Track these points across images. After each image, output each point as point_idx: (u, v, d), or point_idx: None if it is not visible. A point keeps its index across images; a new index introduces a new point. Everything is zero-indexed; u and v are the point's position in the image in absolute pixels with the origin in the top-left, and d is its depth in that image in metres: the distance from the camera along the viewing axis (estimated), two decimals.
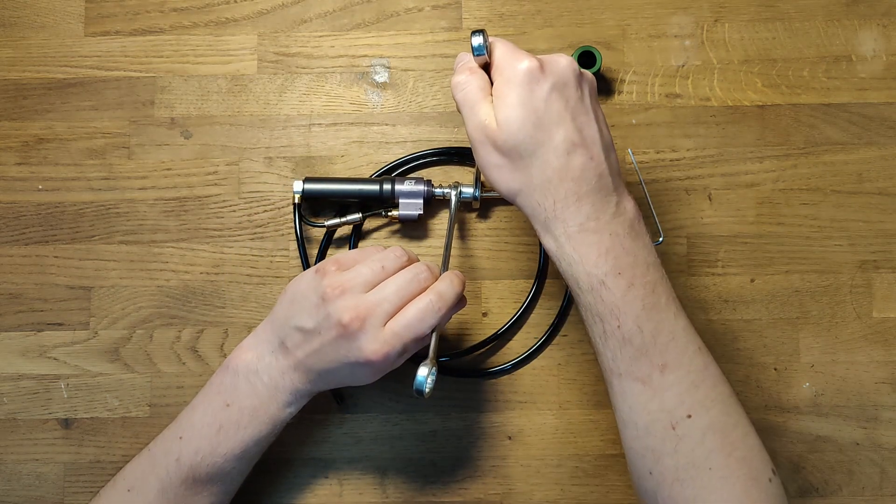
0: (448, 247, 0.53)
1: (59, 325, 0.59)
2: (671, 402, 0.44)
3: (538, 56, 0.45)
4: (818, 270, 0.59)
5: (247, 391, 0.49)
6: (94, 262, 0.60)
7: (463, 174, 0.60)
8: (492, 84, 0.46)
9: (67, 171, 0.60)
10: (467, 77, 0.46)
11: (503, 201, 0.59)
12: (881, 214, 0.59)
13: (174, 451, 0.49)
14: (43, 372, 0.59)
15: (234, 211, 0.60)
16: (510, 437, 0.58)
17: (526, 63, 0.44)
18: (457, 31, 0.62)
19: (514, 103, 0.43)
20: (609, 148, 0.46)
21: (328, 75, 0.61)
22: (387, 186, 0.57)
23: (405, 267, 0.48)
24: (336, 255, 0.50)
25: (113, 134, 0.61)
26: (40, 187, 0.60)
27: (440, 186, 0.58)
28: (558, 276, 0.59)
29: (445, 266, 0.52)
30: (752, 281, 0.59)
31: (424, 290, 0.47)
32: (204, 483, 0.49)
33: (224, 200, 0.60)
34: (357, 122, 0.61)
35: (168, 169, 0.60)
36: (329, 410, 0.58)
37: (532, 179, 0.44)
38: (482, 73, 0.46)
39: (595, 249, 0.44)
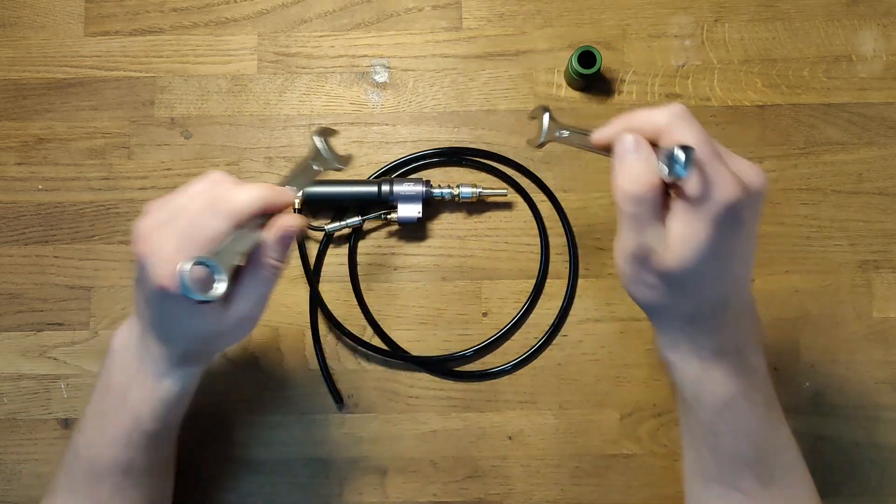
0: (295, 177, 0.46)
1: (59, 325, 0.59)
2: None
3: (737, 173, 0.37)
4: (818, 270, 0.59)
5: (119, 367, 0.45)
6: (94, 262, 0.60)
7: (463, 174, 0.60)
8: (667, 194, 0.38)
9: (67, 171, 0.60)
10: (643, 194, 0.37)
11: (503, 202, 0.60)
12: (881, 214, 0.59)
13: (73, 446, 0.47)
14: (43, 372, 0.59)
15: None
16: (510, 437, 0.58)
17: (732, 196, 0.36)
18: (457, 30, 0.62)
19: (704, 247, 0.37)
20: (753, 265, 0.41)
21: (328, 75, 0.61)
22: (385, 188, 0.57)
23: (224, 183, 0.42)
24: None
25: (113, 134, 0.61)
26: (40, 187, 0.60)
27: (438, 187, 0.58)
28: (558, 276, 0.59)
29: None
30: (752, 281, 0.59)
31: (231, 225, 0.40)
32: (104, 476, 0.46)
33: None
34: (357, 122, 0.61)
35: (168, 169, 0.60)
36: (329, 410, 0.58)
37: (680, 309, 0.40)
38: (662, 188, 0.38)
39: (723, 373, 0.41)
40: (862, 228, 0.59)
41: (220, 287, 0.38)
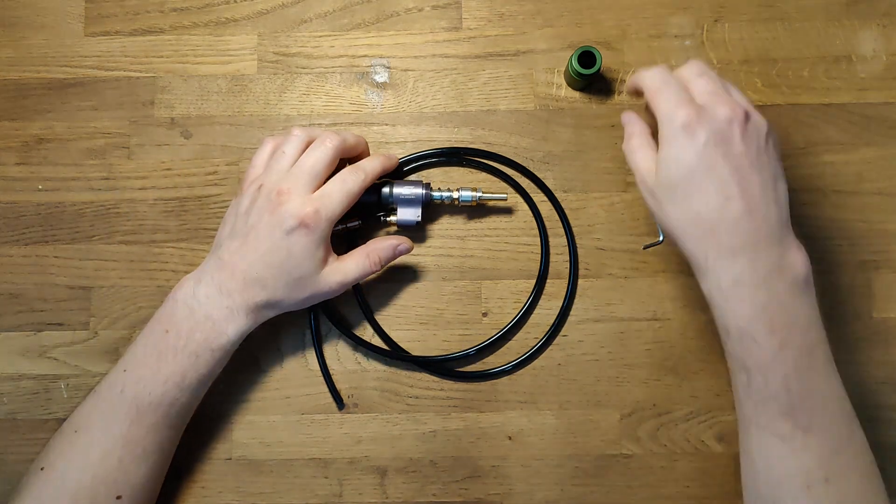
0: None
1: (59, 325, 0.59)
2: (810, 464, 0.43)
3: (701, 101, 0.45)
4: (818, 270, 0.59)
5: (184, 314, 0.50)
6: (94, 262, 0.60)
7: (462, 174, 0.60)
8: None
9: (67, 171, 0.60)
10: (633, 142, 0.49)
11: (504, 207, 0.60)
12: (881, 214, 0.59)
13: (118, 384, 0.50)
14: (43, 372, 0.59)
15: None
16: (510, 437, 0.58)
17: (681, 119, 0.44)
18: (457, 30, 0.61)
19: (670, 158, 0.45)
20: (775, 200, 0.45)
21: (328, 75, 0.61)
22: (385, 190, 0.56)
23: (310, 142, 0.53)
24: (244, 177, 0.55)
25: (113, 134, 0.61)
26: (40, 187, 0.60)
27: (438, 190, 0.57)
28: (558, 276, 0.59)
29: None
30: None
31: (337, 154, 0.52)
32: (146, 413, 0.49)
33: (224, 200, 0.60)
34: (357, 122, 0.61)
35: (168, 169, 0.60)
36: (329, 410, 0.58)
37: (686, 230, 0.45)
38: (645, 135, 0.49)
39: (748, 305, 0.43)
40: (862, 228, 0.59)
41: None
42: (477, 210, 0.60)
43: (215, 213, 0.60)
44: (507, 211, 0.60)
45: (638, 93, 0.49)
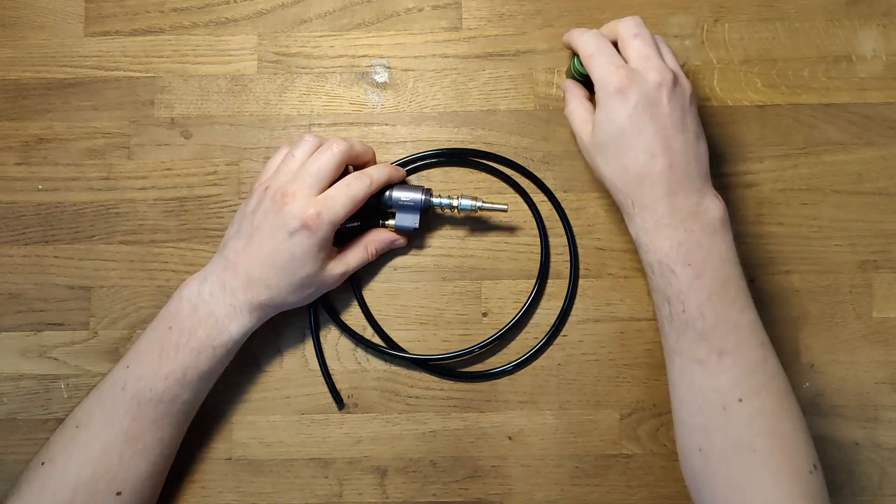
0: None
1: (59, 325, 0.59)
2: (725, 385, 0.47)
3: (634, 64, 0.50)
4: (818, 270, 0.59)
5: (188, 311, 0.51)
6: (94, 262, 0.60)
7: (462, 174, 0.60)
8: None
9: (67, 171, 0.60)
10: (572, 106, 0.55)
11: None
12: (881, 214, 0.59)
13: (120, 380, 0.50)
14: (43, 372, 0.59)
15: (234, 211, 0.60)
16: (510, 437, 0.58)
17: (614, 84, 0.49)
18: (457, 30, 0.61)
19: (604, 119, 0.50)
20: (695, 156, 0.50)
21: (328, 75, 0.61)
22: (386, 193, 0.56)
23: (319, 147, 0.54)
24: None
25: (113, 134, 0.61)
26: (40, 187, 0.60)
27: (439, 196, 0.57)
28: (559, 276, 0.59)
29: None
30: (752, 281, 0.59)
31: (343, 159, 0.53)
32: (147, 408, 0.50)
33: (224, 200, 0.60)
34: (357, 122, 0.61)
35: (168, 169, 0.60)
36: (329, 410, 0.58)
37: (616, 183, 0.50)
38: (581, 99, 0.55)
39: (668, 242, 0.48)
40: (862, 228, 0.59)
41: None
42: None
43: (215, 213, 0.60)
44: (508, 212, 0.60)
45: (571, 48, 0.55)
